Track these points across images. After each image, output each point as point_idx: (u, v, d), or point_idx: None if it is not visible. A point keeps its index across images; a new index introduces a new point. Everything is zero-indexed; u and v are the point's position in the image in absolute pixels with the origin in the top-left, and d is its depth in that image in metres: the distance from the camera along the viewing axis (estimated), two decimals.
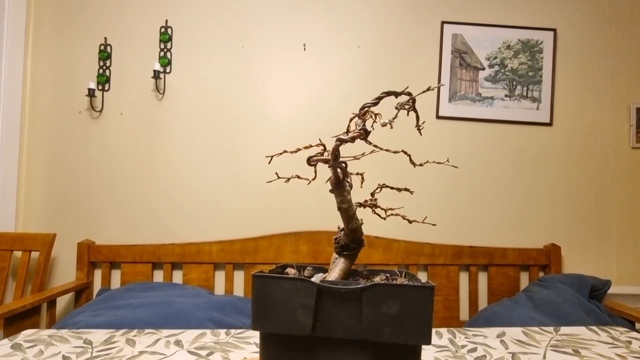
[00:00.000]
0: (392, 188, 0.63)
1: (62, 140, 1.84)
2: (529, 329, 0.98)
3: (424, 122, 0.44)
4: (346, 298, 0.50)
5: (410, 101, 0.48)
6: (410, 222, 0.61)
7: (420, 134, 0.50)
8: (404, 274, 0.61)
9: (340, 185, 0.55)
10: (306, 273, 0.64)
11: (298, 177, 0.63)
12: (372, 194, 0.63)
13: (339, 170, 0.55)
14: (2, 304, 1.63)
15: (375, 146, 0.55)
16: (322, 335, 0.51)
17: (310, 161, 0.55)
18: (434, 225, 0.55)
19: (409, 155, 0.58)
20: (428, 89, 0.47)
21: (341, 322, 0.50)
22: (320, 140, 0.59)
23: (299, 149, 0.59)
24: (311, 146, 0.60)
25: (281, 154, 0.59)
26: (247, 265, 1.79)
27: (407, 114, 0.47)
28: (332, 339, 0.51)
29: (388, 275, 0.63)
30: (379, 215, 0.65)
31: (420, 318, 0.49)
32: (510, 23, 1.92)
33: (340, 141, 0.51)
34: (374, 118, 0.49)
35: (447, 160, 0.63)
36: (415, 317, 0.49)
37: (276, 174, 0.62)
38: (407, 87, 0.47)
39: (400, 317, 0.49)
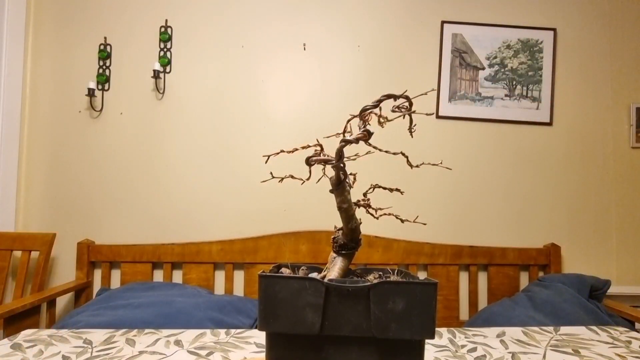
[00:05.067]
0: (384, 188, 0.64)
1: (62, 139, 1.84)
2: (529, 328, 0.98)
3: (415, 124, 0.44)
4: (353, 296, 0.51)
5: (408, 104, 0.49)
6: (402, 221, 0.62)
7: (412, 136, 0.51)
8: (396, 271, 0.62)
9: (341, 186, 0.56)
10: (300, 273, 0.64)
11: (292, 177, 0.63)
12: (365, 194, 0.64)
13: (339, 170, 0.55)
14: (2, 303, 1.63)
15: (374, 147, 0.55)
16: (330, 334, 0.52)
17: (310, 161, 0.55)
18: (425, 224, 0.56)
19: (407, 157, 0.58)
20: (425, 93, 0.48)
21: (349, 320, 0.51)
22: (317, 140, 0.59)
23: (296, 149, 0.59)
24: (309, 146, 0.60)
25: (278, 153, 0.59)
26: (247, 265, 1.79)
27: (403, 117, 0.47)
28: (340, 336, 0.52)
29: (381, 273, 0.64)
30: (372, 215, 0.66)
31: (425, 314, 0.50)
32: (510, 23, 1.92)
33: (345, 142, 0.51)
34: (383, 120, 0.50)
35: (441, 163, 0.64)
36: (420, 313, 0.50)
37: (270, 173, 0.62)
38: (406, 90, 0.47)
39: (405, 314, 0.50)
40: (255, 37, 1.88)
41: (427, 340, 0.88)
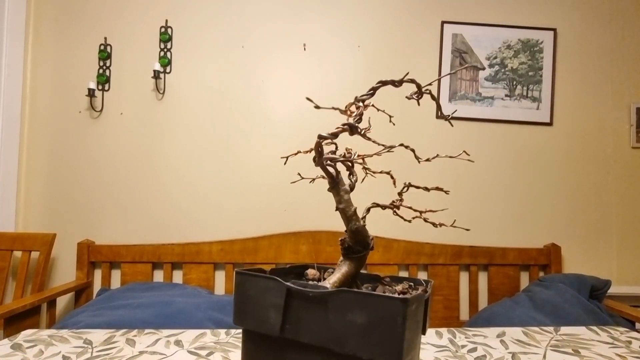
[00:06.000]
0: (417, 187, 0.60)
1: (62, 140, 1.84)
2: (529, 329, 0.98)
3: (455, 112, 0.43)
4: (315, 302, 0.48)
5: (427, 89, 0.46)
6: (435, 225, 0.58)
7: (452, 125, 0.49)
8: (430, 284, 0.56)
9: (336, 185, 0.53)
10: (326, 275, 0.62)
11: (323, 177, 0.62)
12: (400, 194, 0.60)
13: (331, 168, 0.52)
14: (2, 304, 1.63)
15: (374, 142, 0.54)
16: (292, 338, 0.49)
17: (324, 161, 0.54)
18: (468, 230, 0.53)
19: (413, 150, 0.56)
20: (448, 74, 0.46)
21: (309, 327, 0.48)
22: (326, 138, 0.58)
23: (312, 149, 0.57)
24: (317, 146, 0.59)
25: (296, 154, 0.58)
26: (247, 265, 1.78)
27: (419, 103, 0.46)
28: (302, 342, 0.49)
29: (412, 284, 0.59)
30: (402, 217, 0.62)
31: (390, 333, 0.43)
32: (510, 23, 1.92)
33: (321, 138, 0.48)
34: (356, 109, 0.48)
35: (463, 152, 0.60)
36: (384, 331, 0.44)
37: (299, 174, 0.60)
38: (407, 73, 0.46)
39: (367, 330, 0.44)
40: (255, 37, 1.88)
41: (427, 340, 0.88)
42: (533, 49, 1.91)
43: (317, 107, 0.45)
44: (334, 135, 0.48)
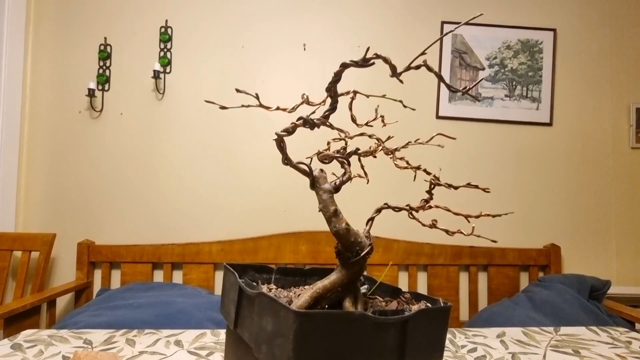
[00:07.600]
0: (439, 184, 0.57)
1: (62, 140, 1.84)
2: (529, 329, 0.98)
3: (469, 89, 0.40)
4: (251, 302, 0.47)
5: (424, 61, 0.42)
6: (450, 233, 0.55)
7: (476, 99, 0.49)
8: (450, 309, 0.51)
9: (313, 184, 0.51)
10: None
11: (359, 176, 0.61)
12: (429, 192, 0.57)
13: (305, 167, 0.50)
14: (2, 304, 1.63)
15: (342, 131, 0.53)
16: (240, 334, 0.50)
17: (324, 159, 0.54)
18: (495, 241, 0.51)
19: (382, 142, 0.55)
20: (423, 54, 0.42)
21: (248, 326, 0.48)
22: (339, 134, 0.57)
23: (328, 148, 0.57)
24: (329, 143, 0.59)
25: (317, 153, 0.56)
26: None
27: (402, 83, 0.45)
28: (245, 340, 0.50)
29: (429, 304, 0.53)
30: (419, 221, 0.55)
31: (286, 347, 0.40)
32: (510, 23, 1.92)
33: (278, 135, 0.45)
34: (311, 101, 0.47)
35: (445, 136, 0.57)
36: (283, 343, 0.41)
37: (333, 174, 0.58)
38: (368, 48, 0.40)
39: (272, 338, 0.42)
40: (255, 37, 1.88)
41: None
42: (533, 49, 1.91)
43: (222, 107, 0.43)
44: (287, 131, 0.47)
